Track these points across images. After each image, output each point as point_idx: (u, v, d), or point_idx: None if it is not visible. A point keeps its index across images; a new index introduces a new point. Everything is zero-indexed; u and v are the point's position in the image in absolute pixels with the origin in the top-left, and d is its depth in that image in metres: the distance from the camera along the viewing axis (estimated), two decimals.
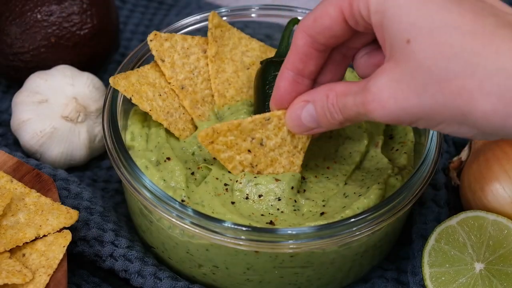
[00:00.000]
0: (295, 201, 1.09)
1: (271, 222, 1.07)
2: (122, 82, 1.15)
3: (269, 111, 1.14)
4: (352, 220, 1.03)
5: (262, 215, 1.08)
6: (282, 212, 1.08)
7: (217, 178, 1.12)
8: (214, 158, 1.15)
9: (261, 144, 1.10)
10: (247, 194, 1.10)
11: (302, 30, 1.01)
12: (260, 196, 1.09)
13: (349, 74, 1.26)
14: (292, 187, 1.10)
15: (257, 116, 1.09)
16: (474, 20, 0.86)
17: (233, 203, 1.09)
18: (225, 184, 1.11)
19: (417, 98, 0.88)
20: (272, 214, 1.08)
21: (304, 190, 1.12)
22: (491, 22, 0.86)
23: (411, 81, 0.88)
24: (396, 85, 0.89)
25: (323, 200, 1.11)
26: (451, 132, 0.90)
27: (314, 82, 1.07)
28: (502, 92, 0.83)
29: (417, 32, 0.88)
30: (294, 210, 1.08)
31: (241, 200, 1.09)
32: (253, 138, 1.10)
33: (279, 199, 1.09)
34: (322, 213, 1.09)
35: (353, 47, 1.04)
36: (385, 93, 0.90)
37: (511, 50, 0.83)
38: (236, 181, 1.11)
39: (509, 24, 0.86)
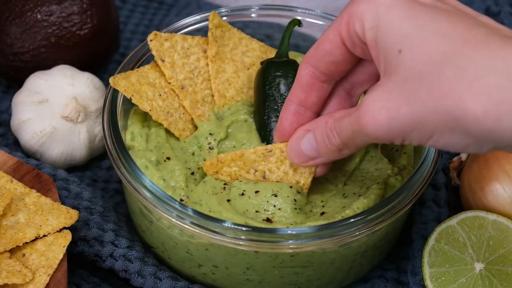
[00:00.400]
0: (295, 200, 1.09)
1: (268, 220, 1.07)
2: (122, 82, 1.15)
3: (268, 111, 1.14)
4: (352, 220, 1.03)
5: (257, 211, 1.08)
6: (279, 209, 1.08)
7: (216, 178, 1.12)
8: None
9: (264, 178, 1.10)
10: (243, 190, 1.10)
11: (306, 61, 1.02)
12: (256, 192, 1.09)
13: None
14: (291, 187, 1.09)
15: (260, 147, 1.10)
16: (466, 29, 0.86)
17: (228, 200, 1.09)
18: (225, 184, 1.11)
19: (408, 106, 0.87)
20: (268, 211, 1.08)
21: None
22: (483, 32, 0.85)
23: (403, 89, 0.88)
24: (387, 96, 0.89)
25: (322, 201, 1.11)
26: (445, 145, 0.88)
27: (318, 116, 1.06)
28: (491, 92, 0.82)
29: (408, 42, 0.87)
30: (295, 208, 1.08)
31: (237, 197, 1.09)
32: (256, 171, 1.10)
33: (276, 196, 1.08)
34: (322, 213, 1.09)
35: (356, 82, 1.04)
36: (376, 105, 0.89)
37: (503, 53, 0.82)
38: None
39: (500, 34, 0.85)
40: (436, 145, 0.90)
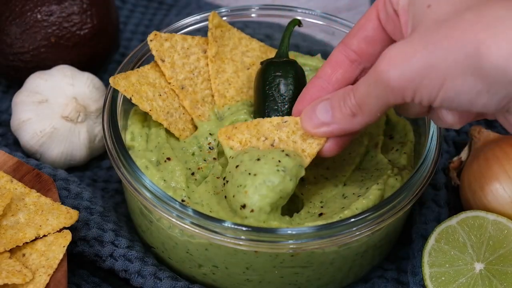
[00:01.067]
0: (279, 161, 1.06)
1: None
2: (122, 82, 1.15)
3: (268, 111, 1.14)
4: (352, 220, 1.03)
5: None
6: (260, 167, 1.06)
7: (218, 177, 1.12)
8: (215, 158, 1.15)
9: (272, 145, 1.09)
10: (237, 165, 1.08)
11: (341, 41, 1.05)
12: (250, 160, 1.08)
13: None
14: (282, 151, 1.08)
15: (276, 117, 1.09)
16: None
17: (226, 197, 1.09)
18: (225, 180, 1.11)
19: (423, 50, 0.88)
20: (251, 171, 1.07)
21: (302, 194, 1.12)
22: None
23: (423, 37, 0.89)
24: (407, 43, 0.90)
25: (321, 202, 1.11)
26: (456, 96, 0.88)
27: None
28: (508, 33, 0.83)
29: None
30: (277, 170, 1.06)
31: (232, 170, 1.08)
32: (266, 138, 1.09)
33: (259, 159, 1.07)
34: (320, 214, 1.09)
35: None
36: (394, 51, 0.90)
37: None
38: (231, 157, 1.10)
39: None
40: (446, 98, 0.89)
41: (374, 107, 0.95)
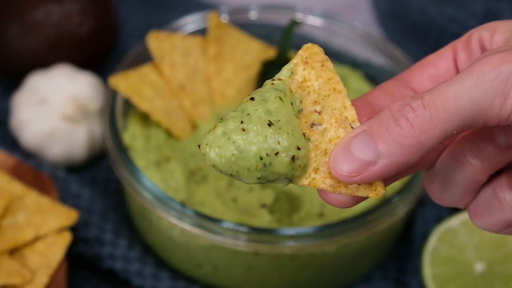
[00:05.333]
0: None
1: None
2: (122, 82, 1.15)
3: None
4: (352, 220, 1.03)
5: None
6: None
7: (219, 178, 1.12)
8: None
9: (312, 126, 0.73)
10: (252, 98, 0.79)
11: (394, 79, 0.79)
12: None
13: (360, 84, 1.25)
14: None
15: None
16: None
17: (234, 201, 1.09)
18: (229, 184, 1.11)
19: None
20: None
21: (302, 194, 1.12)
22: None
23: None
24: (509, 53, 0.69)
25: (321, 202, 1.11)
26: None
27: None
28: None
29: None
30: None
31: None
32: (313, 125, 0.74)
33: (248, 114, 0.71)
34: (320, 214, 1.09)
35: None
36: (495, 56, 0.68)
37: None
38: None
39: None
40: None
41: (438, 134, 0.68)
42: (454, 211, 1.20)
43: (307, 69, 0.73)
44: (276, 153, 0.68)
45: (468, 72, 0.68)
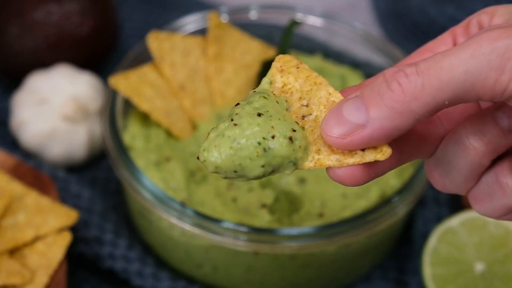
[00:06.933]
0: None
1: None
2: (122, 82, 1.15)
3: None
4: (352, 220, 1.03)
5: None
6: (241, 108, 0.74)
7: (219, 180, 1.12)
8: None
9: (303, 118, 0.73)
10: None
11: (395, 67, 0.74)
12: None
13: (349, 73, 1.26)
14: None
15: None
16: None
17: (234, 201, 1.09)
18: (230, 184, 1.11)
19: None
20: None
21: (302, 194, 1.12)
22: None
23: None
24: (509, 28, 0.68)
25: (321, 202, 1.11)
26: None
27: None
28: None
29: None
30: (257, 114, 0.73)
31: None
32: (307, 105, 0.73)
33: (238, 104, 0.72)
34: (320, 214, 1.09)
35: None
36: (495, 31, 0.67)
37: None
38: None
39: None
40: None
41: (431, 101, 0.67)
42: (454, 211, 1.20)
43: (285, 76, 0.75)
44: (273, 136, 0.68)
45: (465, 45, 0.67)
